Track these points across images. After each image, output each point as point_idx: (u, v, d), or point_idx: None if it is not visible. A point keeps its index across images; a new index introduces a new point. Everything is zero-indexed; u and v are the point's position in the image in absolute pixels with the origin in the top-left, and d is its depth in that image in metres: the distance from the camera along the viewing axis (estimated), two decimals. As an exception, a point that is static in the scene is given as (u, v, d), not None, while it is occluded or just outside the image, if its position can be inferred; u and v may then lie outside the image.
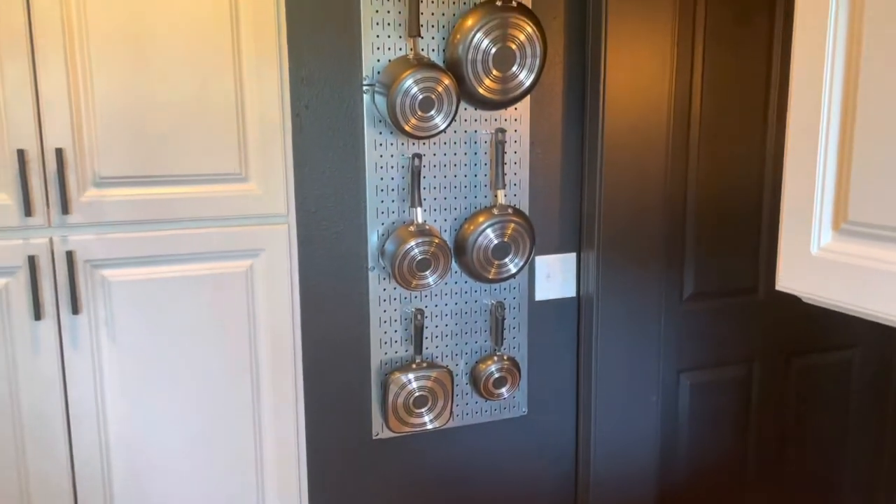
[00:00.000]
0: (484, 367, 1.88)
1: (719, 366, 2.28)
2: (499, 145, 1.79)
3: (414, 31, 1.65)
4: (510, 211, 1.80)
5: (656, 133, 1.93)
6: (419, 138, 1.69)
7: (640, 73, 1.87)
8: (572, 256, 1.97)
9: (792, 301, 2.30)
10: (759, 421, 2.36)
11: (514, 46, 1.70)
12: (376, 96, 1.67)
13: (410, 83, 1.60)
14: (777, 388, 2.37)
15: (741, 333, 2.28)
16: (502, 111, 1.81)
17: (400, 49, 1.70)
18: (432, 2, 1.70)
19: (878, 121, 0.78)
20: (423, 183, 1.77)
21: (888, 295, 0.79)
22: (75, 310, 1.47)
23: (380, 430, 1.85)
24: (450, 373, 1.83)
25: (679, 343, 2.20)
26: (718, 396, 2.30)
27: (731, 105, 2.13)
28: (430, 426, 1.84)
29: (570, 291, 1.98)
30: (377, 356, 1.81)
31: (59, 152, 1.42)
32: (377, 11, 1.66)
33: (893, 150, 0.77)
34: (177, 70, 1.47)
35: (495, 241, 1.78)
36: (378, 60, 1.68)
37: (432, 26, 1.71)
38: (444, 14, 1.71)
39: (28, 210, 1.41)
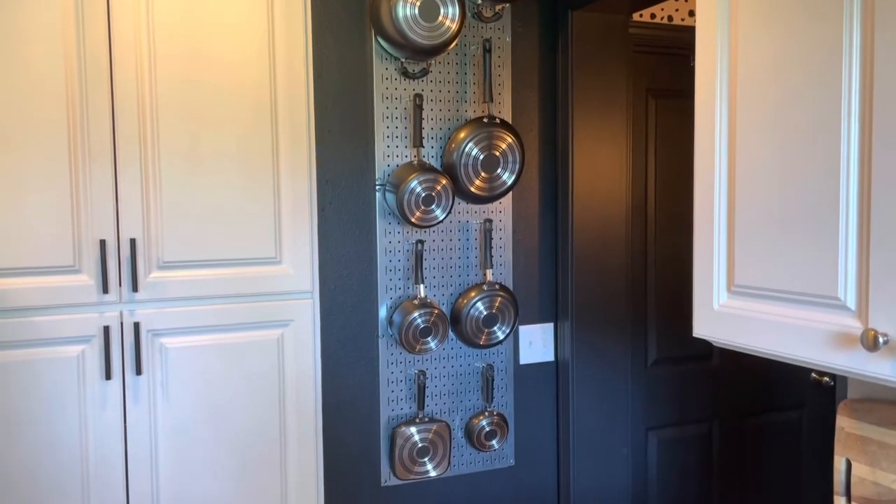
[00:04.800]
0: (477, 421, 2.18)
1: (683, 424, 2.59)
2: (487, 233, 2.15)
3: (417, 142, 2.04)
4: (497, 287, 2.14)
5: (618, 218, 2.30)
6: (422, 227, 2.05)
7: (602, 170, 2.27)
8: (550, 326, 2.31)
9: (743, 366, 2.64)
10: (720, 473, 2.65)
11: (498, 153, 2.09)
12: (387, 194, 2.04)
13: (415, 184, 1.97)
14: (735, 443, 2.67)
15: (701, 395, 2.60)
16: (489, 205, 2.19)
17: (406, 156, 2.08)
18: (431, 119, 2.10)
19: (749, 216, 1.14)
20: (425, 264, 2.12)
21: (766, 337, 1.13)
22: (139, 371, 1.77)
23: (387, 479, 2.12)
24: (448, 426, 2.13)
25: (646, 404, 2.51)
26: (684, 451, 2.60)
27: (681, 192, 2.53)
28: (431, 474, 2.12)
29: (549, 356, 2.31)
30: (385, 412, 2.11)
31: (133, 242, 1.76)
32: (388, 127, 2.05)
33: (758, 238, 1.13)
34: (226, 174, 1.83)
35: (485, 313, 2.12)
36: (388, 165, 2.07)
37: (432, 138, 2.10)
38: (441, 128, 2.11)
39: (105, 288, 1.74)
